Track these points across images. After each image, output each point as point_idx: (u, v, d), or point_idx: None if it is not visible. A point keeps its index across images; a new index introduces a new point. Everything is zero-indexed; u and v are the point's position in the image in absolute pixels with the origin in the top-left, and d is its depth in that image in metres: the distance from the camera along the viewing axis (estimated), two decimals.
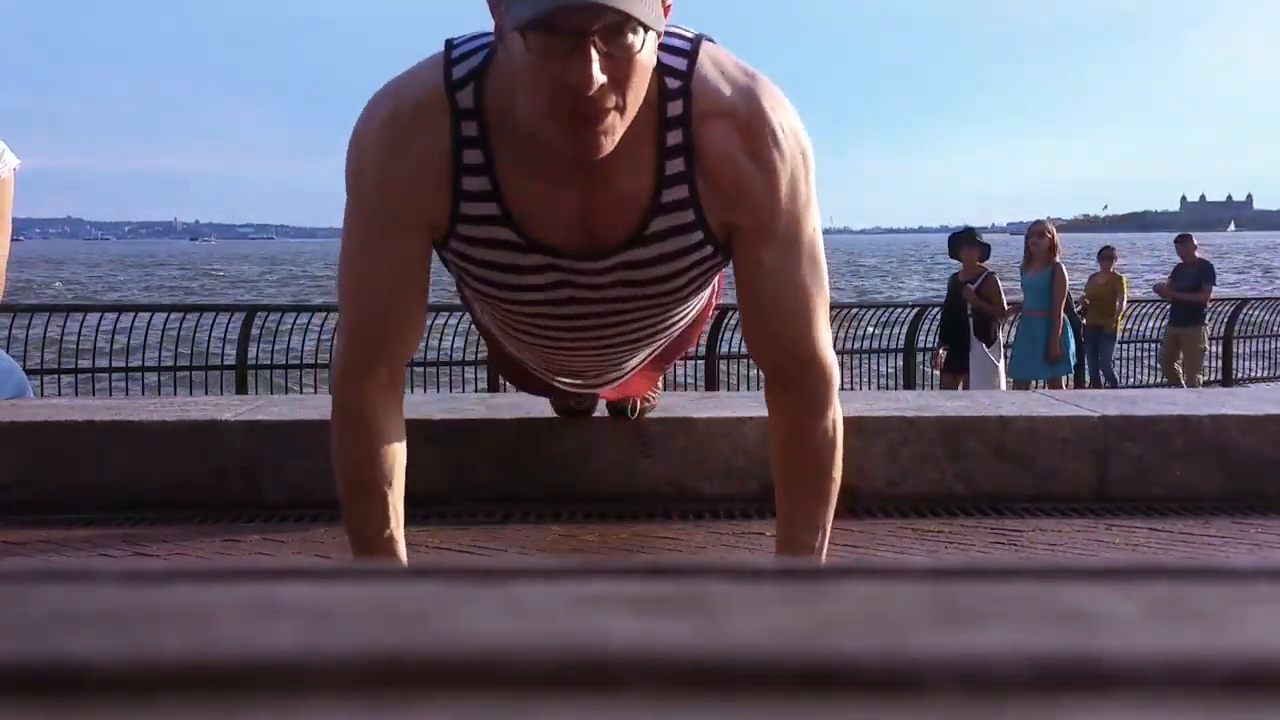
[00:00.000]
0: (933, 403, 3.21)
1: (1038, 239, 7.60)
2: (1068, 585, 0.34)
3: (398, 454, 1.75)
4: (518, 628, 0.30)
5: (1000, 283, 7.62)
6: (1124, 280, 9.96)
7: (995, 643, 0.29)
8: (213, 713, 0.27)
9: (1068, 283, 7.53)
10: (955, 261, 7.93)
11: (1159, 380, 10.06)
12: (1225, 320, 11.37)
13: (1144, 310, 11.09)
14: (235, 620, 0.31)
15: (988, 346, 7.69)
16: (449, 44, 1.66)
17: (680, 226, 1.66)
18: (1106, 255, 9.89)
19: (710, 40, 1.68)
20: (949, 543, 2.72)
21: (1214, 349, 11.29)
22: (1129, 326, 10.62)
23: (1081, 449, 2.99)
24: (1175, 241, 10.32)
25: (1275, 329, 11.77)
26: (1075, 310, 9.71)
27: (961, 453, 2.97)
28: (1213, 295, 10.26)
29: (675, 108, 1.60)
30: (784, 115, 1.63)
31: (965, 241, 7.68)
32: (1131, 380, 10.61)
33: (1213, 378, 11.08)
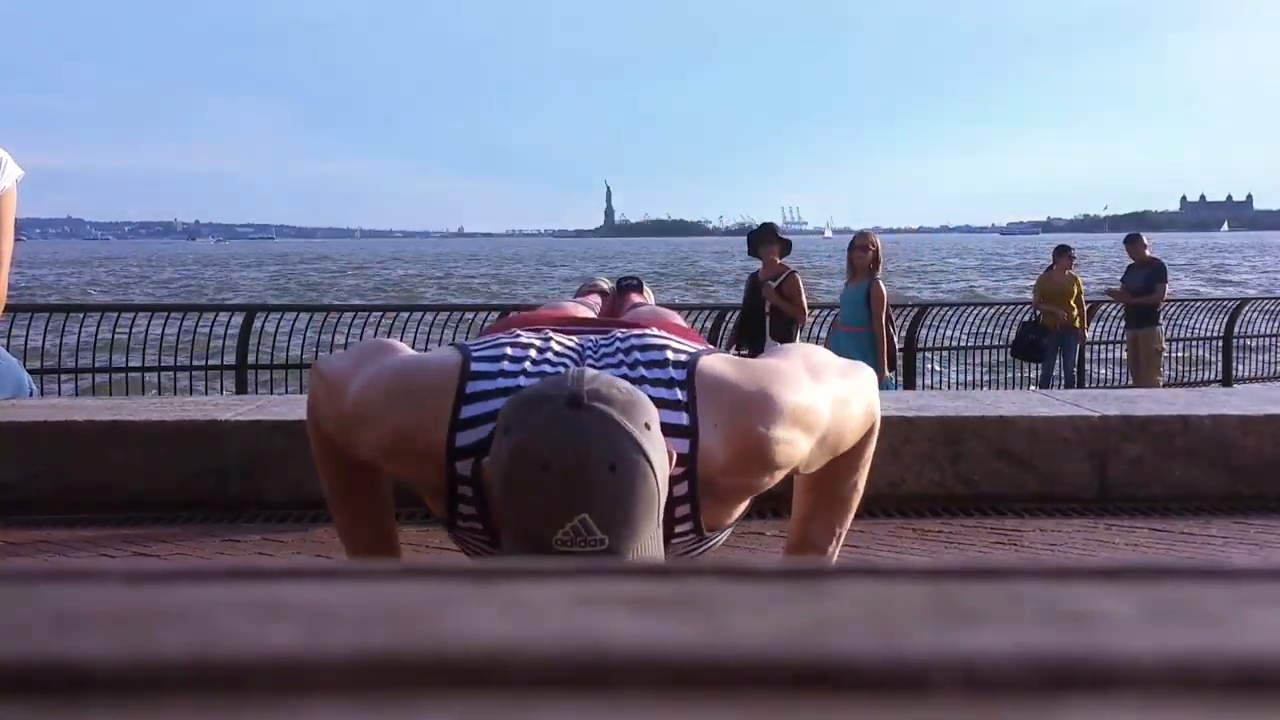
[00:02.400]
0: (933, 403, 3.21)
1: (861, 252, 7.05)
2: (1068, 585, 0.34)
3: (375, 463, 1.76)
4: (518, 628, 0.30)
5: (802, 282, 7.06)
6: (1079, 280, 9.68)
7: (995, 643, 0.29)
8: (213, 713, 0.27)
9: (885, 296, 6.93)
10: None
11: (1127, 383, 9.91)
12: (1225, 320, 11.35)
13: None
14: (236, 620, 0.31)
15: None
16: (465, 367, 1.57)
17: (681, 541, 1.62)
18: (1063, 254, 9.45)
19: (706, 362, 1.60)
20: (949, 543, 2.72)
21: (1214, 348, 11.28)
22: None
23: (1081, 449, 2.99)
24: (1125, 242, 9.81)
25: (1275, 329, 11.75)
26: (1035, 315, 9.49)
27: (961, 453, 2.97)
28: (1212, 296, 10.11)
29: (681, 489, 1.54)
30: (780, 427, 1.56)
31: (766, 238, 7.06)
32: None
33: (1213, 377, 11.06)
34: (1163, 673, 0.28)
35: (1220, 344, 11.30)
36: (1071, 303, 9.37)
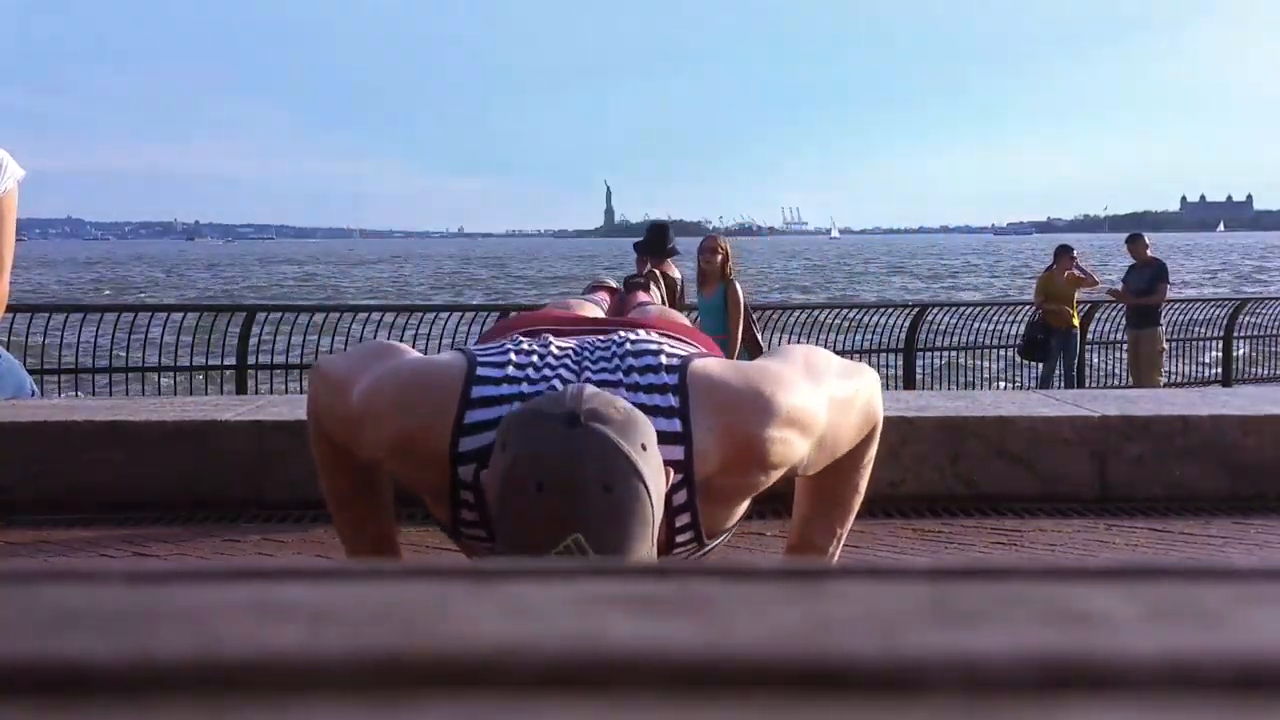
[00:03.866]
0: (933, 403, 3.21)
1: (710, 256, 6.60)
2: (1068, 585, 0.34)
3: (377, 463, 1.77)
4: (518, 628, 0.30)
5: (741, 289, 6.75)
6: (1080, 279, 9.71)
7: (995, 643, 0.29)
8: (213, 713, 0.27)
9: (743, 299, 6.55)
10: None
11: (1127, 383, 9.91)
12: (1225, 320, 11.34)
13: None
14: (235, 620, 0.31)
15: None
16: (470, 372, 1.58)
17: (682, 551, 1.62)
18: (1065, 254, 9.46)
19: (697, 364, 1.60)
20: (949, 543, 2.72)
21: (1213, 349, 11.27)
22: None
23: (1081, 449, 2.99)
24: (1126, 241, 9.86)
25: (1274, 329, 11.73)
26: (1039, 315, 9.50)
27: (961, 453, 2.97)
28: (1213, 296, 10.10)
29: (680, 498, 1.54)
30: (773, 427, 1.56)
31: (655, 244, 6.47)
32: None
33: (1212, 377, 11.05)
34: (1163, 673, 0.28)
35: (1220, 344, 11.29)
36: (1073, 303, 9.39)
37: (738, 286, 6.57)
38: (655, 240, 6.46)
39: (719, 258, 6.59)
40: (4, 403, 3.16)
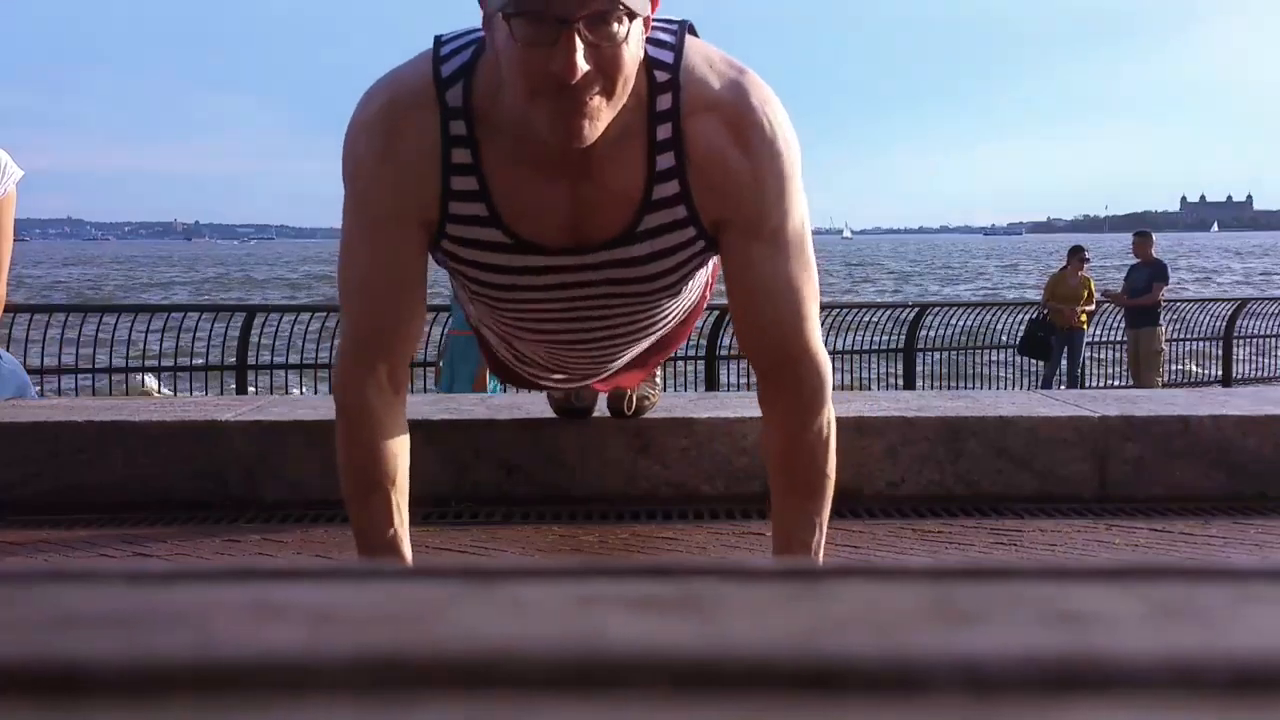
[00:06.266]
0: (933, 403, 3.21)
1: None
2: (1068, 585, 0.34)
3: (401, 454, 1.75)
4: (518, 628, 0.30)
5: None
6: (1091, 281, 9.76)
7: (995, 643, 0.29)
8: (213, 713, 0.27)
9: None
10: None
11: (1127, 383, 9.92)
12: (1225, 320, 11.34)
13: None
14: (235, 620, 0.31)
15: None
16: (438, 40, 1.64)
17: (672, 223, 1.65)
18: (1076, 255, 9.53)
19: (694, 33, 1.67)
20: (949, 543, 2.72)
21: (1213, 349, 11.27)
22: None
23: (1081, 449, 2.99)
24: (1135, 236, 9.94)
25: (1275, 329, 11.73)
26: (1044, 313, 9.52)
27: (961, 453, 2.97)
28: (1212, 296, 10.11)
29: (664, 101, 1.59)
30: (772, 110, 1.62)
31: None
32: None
33: (1212, 377, 11.05)
34: (1163, 673, 0.28)
35: (1220, 344, 11.29)
36: (1082, 303, 9.43)
37: None
38: None
39: None
40: (4, 403, 3.16)
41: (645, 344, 2.07)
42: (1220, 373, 11.20)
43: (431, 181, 1.62)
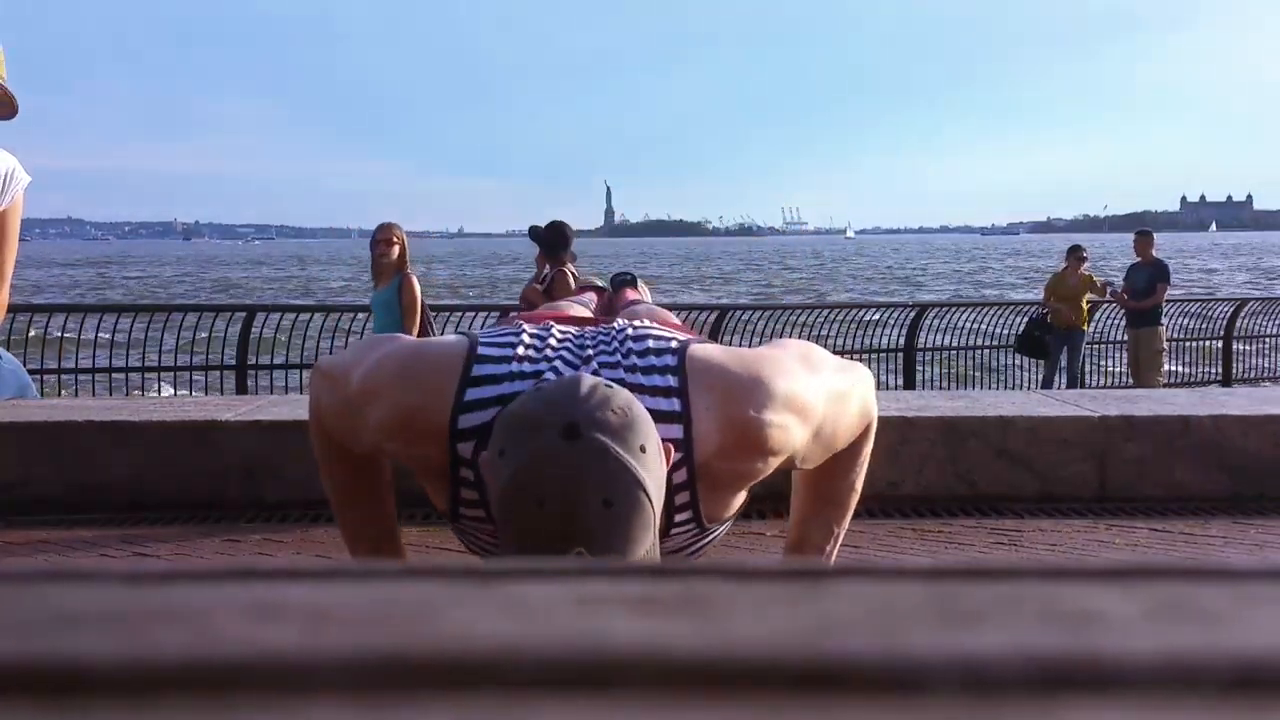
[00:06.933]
0: (933, 403, 3.21)
1: (386, 248, 6.10)
2: (1068, 585, 0.34)
3: (378, 461, 1.78)
4: (518, 628, 0.30)
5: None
6: (1093, 277, 9.76)
7: (995, 643, 0.29)
8: (213, 713, 0.27)
9: (419, 294, 6.12)
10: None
11: (1127, 383, 9.91)
12: (1225, 320, 11.33)
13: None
14: (235, 620, 0.31)
15: None
16: (472, 350, 1.59)
17: (681, 532, 1.63)
18: (1076, 255, 9.52)
19: (696, 348, 1.62)
20: (949, 543, 2.72)
21: (1214, 348, 11.26)
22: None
23: (1081, 449, 2.99)
24: (1136, 235, 9.89)
25: (1275, 329, 11.72)
26: (1044, 312, 9.53)
27: (961, 453, 2.97)
28: (1213, 296, 10.08)
29: (680, 476, 1.54)
30: (772, 410, 1.57)
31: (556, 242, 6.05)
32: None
33: (1213, 377, 11.04)
34: (1163, 673, 0.28)
35: (1220, 344, 11.28)
36: (1083, 303, 9.41)
37: (414, 280, 6.17)
38: (554, 239, 6.04)
39: (395, 249, 6.16)
40: (4, 403, 3.16)
41: None
42: (1220, 371, 11.19)
43: (443, 475, 1.58)
